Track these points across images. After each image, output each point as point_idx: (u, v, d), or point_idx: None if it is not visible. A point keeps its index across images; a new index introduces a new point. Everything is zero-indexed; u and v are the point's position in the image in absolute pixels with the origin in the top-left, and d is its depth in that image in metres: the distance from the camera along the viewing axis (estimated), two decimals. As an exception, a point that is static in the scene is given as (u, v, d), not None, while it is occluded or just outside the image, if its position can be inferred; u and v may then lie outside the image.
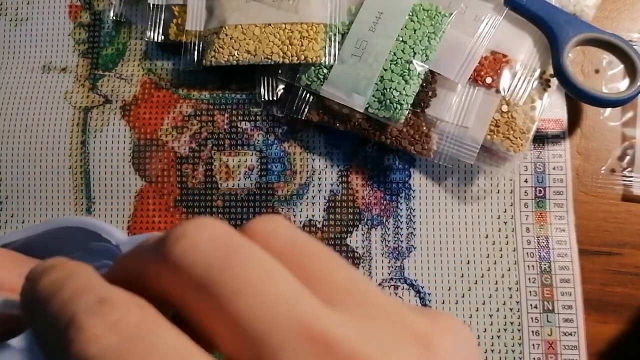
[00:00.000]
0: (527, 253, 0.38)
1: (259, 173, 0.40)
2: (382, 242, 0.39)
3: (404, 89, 0.36)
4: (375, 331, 0.13)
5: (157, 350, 0.12)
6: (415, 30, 0.37)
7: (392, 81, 0.36)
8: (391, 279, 0.38)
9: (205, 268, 0.13)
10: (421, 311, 0.14)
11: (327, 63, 0.37)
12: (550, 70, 0.37)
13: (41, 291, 0.14)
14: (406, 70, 0.36)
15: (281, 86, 0.40)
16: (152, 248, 0.14)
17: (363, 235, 0.39)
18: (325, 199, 0.39)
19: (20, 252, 0.27)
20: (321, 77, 0.38)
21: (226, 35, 0.38)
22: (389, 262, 0.38)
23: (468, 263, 0.38)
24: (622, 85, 0.39)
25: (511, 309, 0.37)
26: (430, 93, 0.37)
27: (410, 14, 0.37)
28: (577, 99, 0.37)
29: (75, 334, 0.13)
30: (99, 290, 0.14)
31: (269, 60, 0.38)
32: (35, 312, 0.15)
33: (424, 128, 0.38)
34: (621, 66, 0.38)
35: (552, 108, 0.39)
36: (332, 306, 0.13)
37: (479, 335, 0.37)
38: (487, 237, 0.38)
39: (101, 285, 0.14)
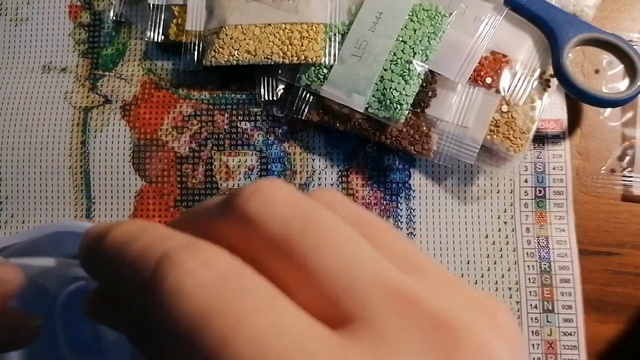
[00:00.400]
0: (527, 253, 0.38)
1: (259, 173, 0.40)
2: (382, 242, 0.39)
3: (404, 89, 0.36)
4: (450, 297, 0.13)
5: (249, 292, 0.12)
6: (415, 30, 0.37)
7: (392, 81, 0.36)
8: (391, 279, 0.38)
9: (283, 225, 0.13)
10: (479, 290, 0.14)
11: (327, 63, 0.37)
12: (550, 70, 0.37)
13: (116, 239, 0.14)
14: (406, 70, 0.36)
15: (281, 86, 0.40)
16: (218, 206, 0.14)
17: (363, 235, 0.39)
18: (325, 199, 0.39)
19: (15, 257, 0.27)
20: (321, 77, 0.38)
21: (226, 35, 0.38)
22: (389, 262, 0.38)
23: (468, 263, 0.38)
24: (622, 85, 0.39)
25: (511, 309, 0.37)
26: (430, 93, 0.37)
27: (410, 14, 0.37)
28: (577, 99, 0.37)
29: (169, 269, 0.12)
30: (184, 236, 0.14)
31: (269, 60, 0.38)
32: (107, 262, 0.15)
33: (424, 128, 0.38)
34: (621, 66, 0.38)
35: (552, 108, 0.39)
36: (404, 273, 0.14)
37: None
38: (487, 237, 0.38)
39: (182, 234, 0.14)
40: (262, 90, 0.40)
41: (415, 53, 0.37)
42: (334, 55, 0.37)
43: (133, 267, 0.14)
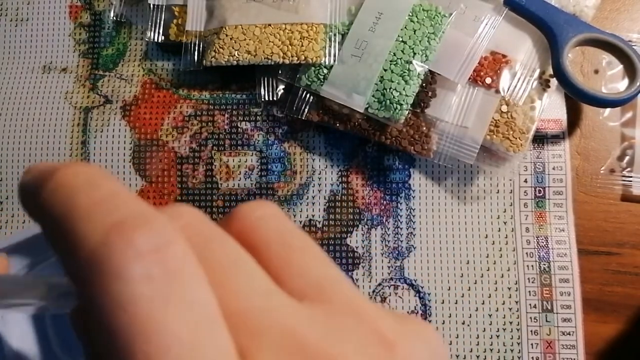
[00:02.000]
0: (527, 253, 0.38)
1: (259, 173, 0.40)
2: (382, 242, 0.39)
3: (403, 89, 0.36)
4: (342, 330, 0.13)
5: (189, 305, 0.12)
6: (415, 31, 0.37)
7: (392, 81, 0.36)
8: (391, 279, 0.38)
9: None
10: (392, 314, 0.14)
11: (327, 63, 0.38)
12: (550, 71, 0.37)
13: (64, 183, 0.13)
14: (406, 71, 0.37)
15: (281, 86, 0.40)
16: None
17: (363, 235, 0.39)
18: (325, 199, 0.39)
19: (10, 255, 0.27)
20: (321, 77, 0.38)
21: (226, 35, 0.38)
22: (389, 262, 0.38)
23: (468, 263, 0.38)
24: (622, 85, 0.39)
25: (510, 309, 0.37)
26: (430, 93, 0.37)
27: (410, 14, 0.37)
28: (577, 99, 0.37)
29: (117, 246, 0.11)
30: (142, 204, 0.13)
31: (269, 61, 0.38)
32: (48, 208, 0.13)
33: (424, 128, 0.38)
34: (620, 66, 0.38)
35: (551, 108, 0.39)
36: (303, 301, 0.13)
37: (478, 335, 0.37)
38: (486, 237, 0.38)
39: (140, 200, 0.13)
40: (262, 90, 0.40)
41: (415, 53, 0.37)
42: (334, 56, 0.38)
43: (76, 226, 0.12)
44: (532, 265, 0.38)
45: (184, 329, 0.11)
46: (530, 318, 0.37)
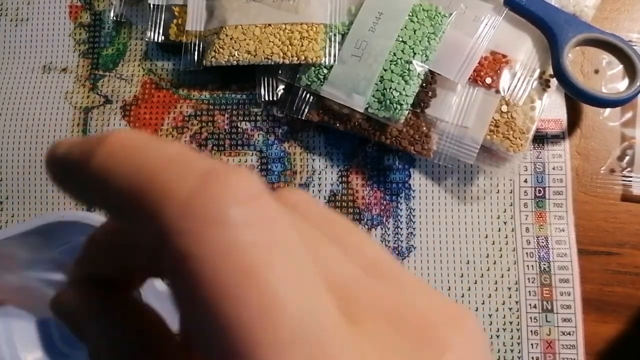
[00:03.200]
0: (527, 253, 0.38)
1: (259, 173, 0.40)
2: (382, 242, 0.39)
3: (403, 89, 0.36)
4: (418, 300, 0.13)
5: (293, 258, 0.11)
6: (415, 31, 0.37)
7: (392, 81, 0.36)
8: (391, 278, 0.38)
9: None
10: (445, 304, 0.14)
11: (327, 63, 0.37)
12: (550, 70, 0.37)
13: (125, 146, 0.12)
14: (406, 71, 0.37)
15: (281, 86, 0.40)
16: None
17: (363, 235, 0.39)
18: (325, 199, 0.39)
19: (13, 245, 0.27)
20: (321, 77, 0.38)
21: (226, 35, 0.38)
22: (389, 262, 0.38)
23: (468, 263, 0.38)
24: (622, 85, 0.39)
25: (510, 309, 0.37)
26: (430, 93, 0.37)
27: (410, 14, 0.37)
28: (577, 99, 0.37)
29: (218, 190, 0.10)
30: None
31: (269, 61, 0.38)
32: (109, 177, 0.11)
33: (424, 128, 0.38)
34: (621, 66, 0.38)
35: (551, 108, 0.39)
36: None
37: (478, 335, 0.37)
38: (486, 237, 0.38)
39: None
40: (262, 90, 0.40)
41: (415, 53, 0.37)
42: (334, 56, 0.38)
43: (158, 182, 0.11)
44: (532, 265, 0.38)
45: (290, 280, 0.10)
46: (530, 318, 0.37)
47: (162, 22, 0.41)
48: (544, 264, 0.38)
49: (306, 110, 0.39)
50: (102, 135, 0.12)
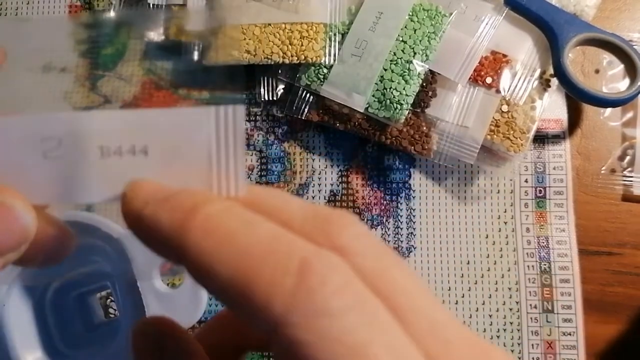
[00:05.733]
0: (527, 253, 0.38)
1: (259, 173, 0.40)
2: (382, 242, 0.39)
3: (404, 89, 0.36)
4: None
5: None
6: (415, 30, 0.37)
7: (392, 81, 0.36)
8: (391, 279, 0.38)
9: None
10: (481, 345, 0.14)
11: (327, 63, 0.37)
12: (550, 70, 0.37)
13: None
14: (406, 70, 0.36)
15: (281, 86, 0.40)
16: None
17: (363, 235, 0.39)
18: (325, 199, 0.39)
19: None
20: (321, 77, 0.37)
21: (226, 35, 0.38)
22: (389, 262, 0.38)
23: (468, 263, 0.38)
24: (622, 85, 0.38)
25: (511, 309, 0.37)
26: (430, 93, 0.37)
27: (410, 14, 0.37)
28: (577, 99, 0.37)
29: (312, 282, 0.12)
30: (308, 243, 0.13)
31: (269, 60, 0.38)
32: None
33: (424, 128, 0.38)
34: (621, 66, 0.38)
35: (552, 108, 0.39)
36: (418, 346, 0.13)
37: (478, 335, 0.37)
38: (487, 237, 0.38)
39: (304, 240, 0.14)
40: (262, 90, 0.40)
41: (415, 53, 0.37)
42: (334, 55, 0.37)
43: (258, 279, 0.12)
44: (533, 266, 0.38)
45: (391, 353, 0.12)
46: (531, 318, 0.37)
47: (161, 22, 0.40)
48: (545, 264, 0.38)
49: (306, 110, 0.39)
50: (192, 204, 0.14)
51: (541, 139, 0.39)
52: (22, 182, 0.16)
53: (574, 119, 0.39)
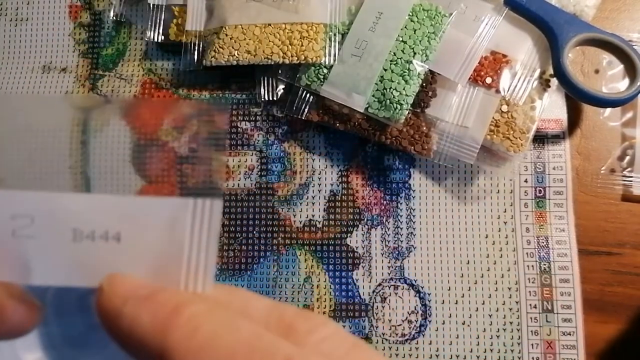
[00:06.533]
0: (527, 253, 0.38)
1: (259, 173, 0.40)
2: (382, 242, 0.39)
3: (404, 89, 0.36)
4: None
5: None
6: (415, 30, 0.37)
7: (392, 81, 0.36)
8: (391, 279, 0.38)
9: None
10: None
11: (327, 63, 0.37)
12: (550, 70, 0.37)
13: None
14: (406, 70, 0.36)
15: (281, 86, 0.40)
16: None
17: (363, 235, 0.39)
18: (325, 199, 0.39)
19: None
20: (321, 77, 0.38)
21: (226, 35, 0.38)
22: (389, 262, 0.38)
23: (468, 263, 0.38)
24: (622, 85, 0.39)
25: (510, 309, 0.37)
26: (430, 93, 0.37)
27: (410, 14, 0.37)
28: (577, 99, 0.37)
29: None
30: None
31: (269, 60, 0.38)
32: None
33: (424, 128, 0.38)
34: (621, 66, 0.38)
35: (552, 108, 0.39)
36: None
37: (478, 335, 0.37)
38: (487, 237, 0.38)
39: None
40: (262, 90, 0.40)
41: (415, 53, 0.37)
42: (334, 55, 0.37)
43: None
44: (533, 266, 0.38)
45: None
46: (531, 318, 0.37)
47: (161, 22, 0.40)
48: (544, 264, 0.38)
49: (306, 110, 0.39)
50: (174, 304, 0.14)
51: (541, 139, 0.39)
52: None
53: (574, 119, 0.39)
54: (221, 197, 0.18)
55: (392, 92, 0.36)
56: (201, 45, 0.39)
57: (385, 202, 0.39)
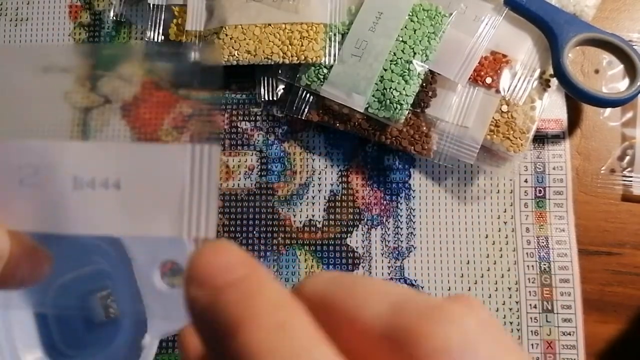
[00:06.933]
0: (527, 253, 0.38)
1: (259, 173, 0.40)
2: (382, 242, 0.39)
3: (404, 89, 0.36)
4: None
5: None
6: (415, 30, 0.37)
7: (392, 81, 0.36)
8: (391, 279, 0.38)
9: None
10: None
11: (327, 63, 0.37)
12: (550, 70, 0.37)
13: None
14: (406, 70, 0.36)
15: (281, 86, 0.40)
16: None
17: (363, 235, 0.39)
18: (325, 199, 0.39)
19: None
20: (321, 77, 0.38)
21: (226, 35, 0.38)
22: (389, 262, 0.38)
23: (468, 263, 0.38)
24: (622, 85, 0.39)
25: (510, 309, 0.37)
26: (430, 93, 0.37)
27: (410, 14, 0.37)
28: (577, 99, 0.37)
29: None
30: None
31: (269, 60, 0.38)
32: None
33: (424, 128, 0.38)
34: (621, 66, 0.38)
35: (552, 108, 0.39)
36: None
37: (478, 335, 0.37)
38: (487, 237, 0.38)
39: None
40: (262, 90, 0.40)
41: (415, 53, 0.37)
42: (334, 55, 0.37)
43: None
44: (533, 266, 0.38)
45: None
46: (531, 318, 0.37)
47: (161, 22, 0.40)
48: (544, 264, 0.38)
49: (306, 110, 0.39)
50: (239, 316, 0.12)
51: (541, 139, 0.39)
52: (8, 207, 0.15)
53: (574, 119, 0.39)
54: (219, 143, 0.17)
55: (392, 92, 0.36)
56: (201, 45, 0.39)
57: (385, 202, 0.39)
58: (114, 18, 0.43)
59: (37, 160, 0.15)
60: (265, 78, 0.40)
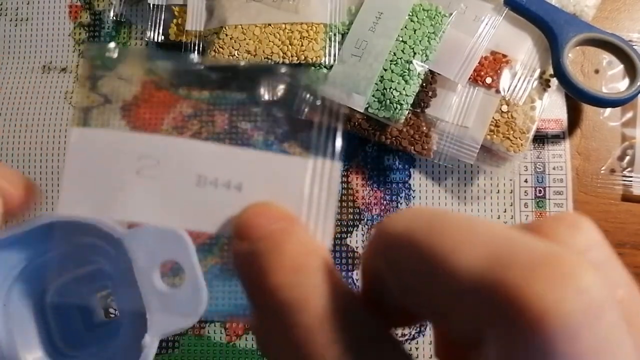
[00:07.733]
0: (527, 253, 0.38)
1: (259, 173, 0.40)
2: (382, 242, 0.39)
3: (404, 89, 0.36)
4: None
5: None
6: (415, 30, 0.37)
7: (392, 81, 0.36)
8: (391, 278, 0.38)
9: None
10: None
11: (327, 63, 0.37)
12: (550, 70, 0.37)
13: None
14: (406, 70, 0.36)
15: (281, 86, 0.40)
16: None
17: (363, 235, 0.39)
18: (325, 199, 0.39)
19: (5, 248, 0.27)
20: (321, 77, 0.38)
21: (226, 35, 0.38)
22: (389, 262, 0.38)
23: (468, 263, 0.38)
24: (622, 85, 0.39)
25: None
26: (430, 93, 0.37)
27: (410, 14, 0.37)
28: (577, 99, 0.37)
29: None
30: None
31: (269, 60, 0.38)
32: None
33: (424, 128, 0.38)
34: (621, 66, 0.38)
35: (552, 108, 0.39)
36: None
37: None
38: (487, 237, 0.38)
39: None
40: (262, 90, 0.40)
41: (415, 53, 0.37)
42: (334, 55, 0.37)
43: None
44: (533, 266, 0.38)
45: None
46: (531, 318, 0.37)
47: (161, 22, 0.40)
48: (544, 264, 0.38)
49: (306, 110, 0.39)
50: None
51: (541, 139, 0.39)
52: (119, 195, 0.16)
53: (574, 119, 0.39)
54: (341, 158, 0.18)
55: (392, 92, 0.36)
56: (201, 45, 0.39)
57: (385, 202, 0.39)
58: (114, 18, 0.43)
59: (159, 154, 0.16)
60: (266, 78, 0.40)
